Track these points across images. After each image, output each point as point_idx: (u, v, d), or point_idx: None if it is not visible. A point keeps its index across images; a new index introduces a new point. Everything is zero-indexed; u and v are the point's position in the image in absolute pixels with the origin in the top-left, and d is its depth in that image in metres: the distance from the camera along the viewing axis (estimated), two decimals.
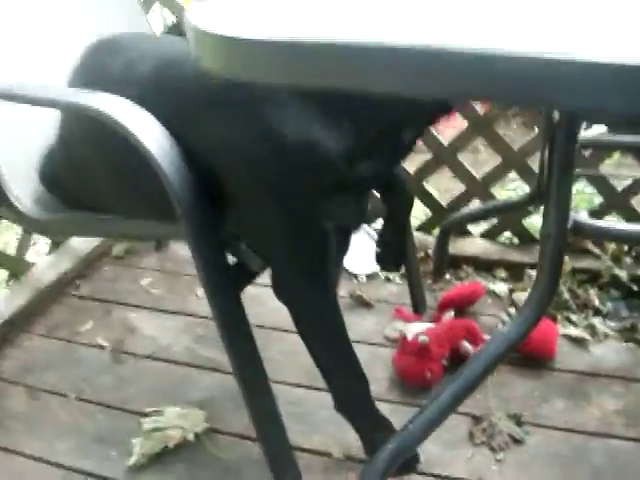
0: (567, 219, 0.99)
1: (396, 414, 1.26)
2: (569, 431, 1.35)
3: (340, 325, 1.12)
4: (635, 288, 1.77)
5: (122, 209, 1.18)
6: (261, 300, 1.76)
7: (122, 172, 1.12)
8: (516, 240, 2.04)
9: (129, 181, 1.11)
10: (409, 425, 1.06)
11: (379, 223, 1.60)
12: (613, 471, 1.25)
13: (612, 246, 1.91)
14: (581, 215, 1.00)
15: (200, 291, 1.90)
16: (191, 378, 1.55)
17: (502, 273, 1.93)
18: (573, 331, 1.64)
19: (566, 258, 1.74)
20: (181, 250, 2.16)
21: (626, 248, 1.91)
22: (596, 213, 1.85)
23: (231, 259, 1.12)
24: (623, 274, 1.80)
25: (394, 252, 1.43)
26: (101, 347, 1.68)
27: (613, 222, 1.44)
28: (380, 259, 1.43)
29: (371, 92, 0.55)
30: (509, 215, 2.00)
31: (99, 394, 1.50)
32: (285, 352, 1.59)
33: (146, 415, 1.41)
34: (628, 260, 1.87)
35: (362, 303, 1.83)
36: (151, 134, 0.97)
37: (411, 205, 1.40)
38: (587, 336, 1.62)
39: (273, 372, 1.14)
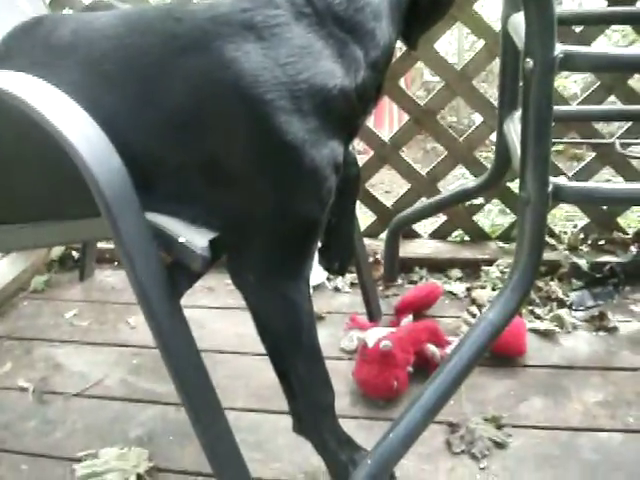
0: (547, 183, 0.88)
1: (361, 430, 1.16)
2: (553, 429, 1.23)
3: (315, 326, 0.97)
4: (597, 275, 1.69)
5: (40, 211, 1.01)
6: (199, 322, 1.60)
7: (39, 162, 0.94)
8: (467, 238, 1.95)
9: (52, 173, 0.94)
10: (389, 435, 0.91)
11: None
12: (605, 465, 1.14)
13: (568, 235, 1.84)
14: (560, 179, 0.90)
15: (132, 318, 1.72)
16: (128, 413, 1.36)
17: (457, 272, 1.83)
18: (540, 325, 1.54)
19: None
20: (109, 277, 1.97)
21: (582, 236, 1.84)
22: None
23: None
24: (582, 262, 1.72)
25: (343, 245, 1.27)
26: (23, 389, 1.47)
27: (599, 183, 1.33)
28: (326, 256, 1.25)
29: None
30: (459, 213, 1.91)
31: (23, 442, 1.30)
32: (232, 376, 1.43)
33: (79, 460, 1.22)
34: (585, 248, 1.80)
35: None
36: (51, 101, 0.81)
37: (359, 181, 1.26)
38: (555, 328, 1.53)
39: (221, 398, 0.97)
